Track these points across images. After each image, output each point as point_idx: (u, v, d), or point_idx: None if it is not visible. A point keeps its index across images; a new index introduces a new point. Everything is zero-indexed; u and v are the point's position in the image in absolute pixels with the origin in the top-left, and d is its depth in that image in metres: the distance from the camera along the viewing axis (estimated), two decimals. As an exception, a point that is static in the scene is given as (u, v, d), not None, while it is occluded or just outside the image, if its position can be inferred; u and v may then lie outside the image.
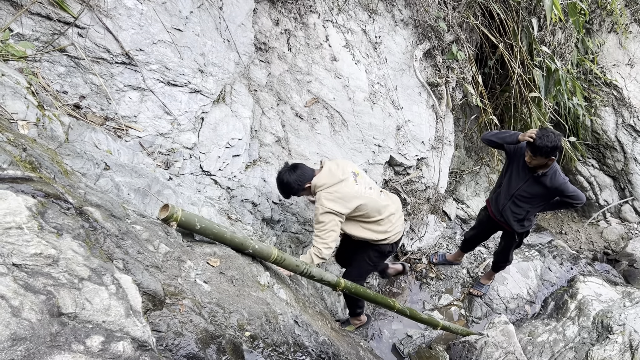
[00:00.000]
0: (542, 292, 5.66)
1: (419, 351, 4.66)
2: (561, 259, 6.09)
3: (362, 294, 3.68)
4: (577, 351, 4.69)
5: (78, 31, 2.98)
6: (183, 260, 2.43)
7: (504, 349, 4.39)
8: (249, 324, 2.49)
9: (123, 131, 3.09)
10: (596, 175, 8.91)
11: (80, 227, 1.90)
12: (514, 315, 5.36)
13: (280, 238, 3.81)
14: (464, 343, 4.55)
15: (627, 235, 8.56)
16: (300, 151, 4.08)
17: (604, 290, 5.49)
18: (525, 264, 5.71)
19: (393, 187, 4.77)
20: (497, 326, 4.58)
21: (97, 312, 1.75)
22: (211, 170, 3.41)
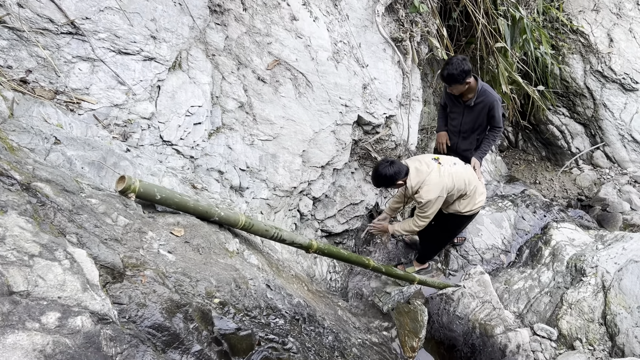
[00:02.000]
0: (517, 241, 5.74)
1: (398, 307, 4.70)
2: (534, 208, 6.16)
3: (336, 254, 3.67)
4: (552, 295, 4.77)
5: (17, 1, 2.83)
6: (144, 231, 2.36)
7: (481, 298, 4.45)
8: (218, 290, 2.45)
9: (75, 104, 2.98)
10: (567, 123, 8.97)
11: (26, 203, 1.82)
12: (490, 265, 5.43)
13: (250, 205, 3.76)
14: (441, 296, 4.60)
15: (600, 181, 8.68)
16: (265, 116, 4.00)
17: (577, 235, 5.58)
18: (499, 214, 5.76)
19: (363, 147, 4.72)
20: (473, 277, 4.64)
21: (52, 288, 1.69)
22: (172, 140, 3.31)
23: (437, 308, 4.59)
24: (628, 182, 8.50)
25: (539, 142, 9.18)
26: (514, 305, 4.80)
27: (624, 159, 8.66)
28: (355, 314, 4.21)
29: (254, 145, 3.91)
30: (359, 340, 3.65)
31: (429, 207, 3.97)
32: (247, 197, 3.77)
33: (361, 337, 3.74)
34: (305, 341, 2.77)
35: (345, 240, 4.90)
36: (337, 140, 4.40)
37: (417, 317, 4.52)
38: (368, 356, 3.50)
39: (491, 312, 4.33)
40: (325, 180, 4.42)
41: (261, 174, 3.91)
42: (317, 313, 3.29)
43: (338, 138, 4.41)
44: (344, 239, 4.88)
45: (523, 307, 4.78)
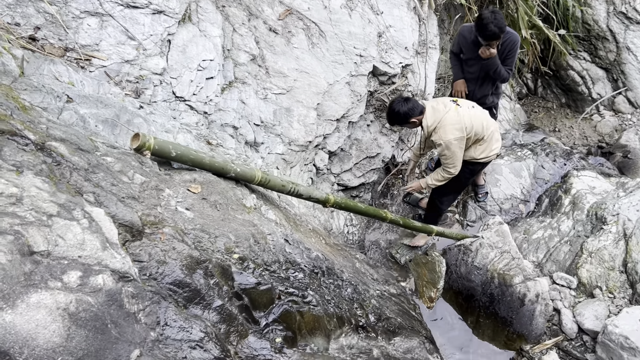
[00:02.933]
0: (536, 190, 5.67)
1: (415, 258, 4.71)
2: (554, 156, 6.05)
3: (353, 207, 3.65)
4: (572, 244, 4.74)
5: (20, -44, 2.75)
6: (161, 189, 2.35)
7: (499, 248, 4.44)
8: (237, 246, 2.45)
9: (86, 61, 2.93)
10: (588, 68, 8.70)
11: (42, 163, 1.81)
12: (509, 215, 5.39)
13: (266, 160, 3.73)
14: (459, 247, 4.60)
15: (621, 127, 8.48)
16: (278, 68, 3.91)
17: (598, 182, 5.49)
18: (517, 163, 5.67)
19: (379, 99, 4.63)
20: (491, 227, 4.61)
21: (72, 247, 1.69)
22: (185, 96, 3.26)
23: (455, 259, 4.59)
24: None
25: (559, 89, 8.94)
26: (533, 255, 4.79)
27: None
28: (373, 266, 4.23)
29: (267, 99, 3.85)
30: (378, 291, 3.67)
31: (450, 150, 3.83)
32: (263, 153, 3.74)
33: (379, 289, 3.77)
34: (324, 294, 2.79)
35: (361, 193, 4.87)
36: (352, 92, 4.32)
37: (434, 268, 4.54)
38: (387, 307, 3.53)
39: (510, 262, 4.32)
40: (340, 133, 4.35)
41: (276, 129, 3.85)
42: (335, 266, 3.30)
43: (353, 90, 4.32)
44: (361, 192, 4.85)
45: (542, 256, 4.76)
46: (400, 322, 3.44)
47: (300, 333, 2.45)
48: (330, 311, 2.70)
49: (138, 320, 1.76)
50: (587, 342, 4.19)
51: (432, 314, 4.50)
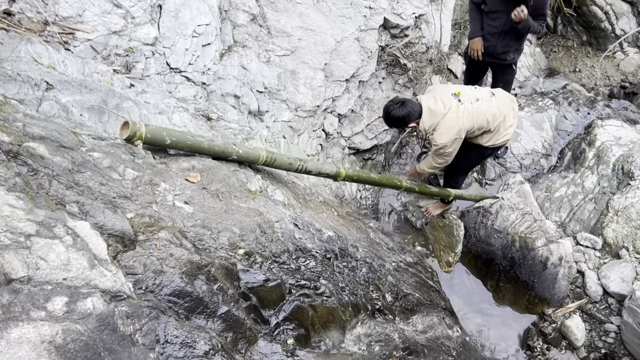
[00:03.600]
0: (558, 143, 5.38)
1: (432, 221, 4.53)
2: (577, 105, 5.72)
3: (365, 179, 3.45)
4: (596, 202, 4.52)
5: None
6: (156, 183, 2.15)
7: (521, 210, 4.23)
8: (242, 240, 2.27)
9: (69, 35, 2.67)
10: (612, 2, 8.18)
11: (15, 176, 1.60)
12: (529, 171, 5.13)
13: (271, 130, 3.49)
14: (478, 209, 4.39)
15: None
16: (281, 27, 3.61)
17: (624, 132, 5.19)
18: (539, 115, 5.35)
19: (391, 53, 4.30)
20: (512, 187, 4.38)
21: (55, 269, 1.52)
22: (180, 66, 3.00)
23: (473, 222, 4.39)
24: (677, 64, 7.91)
25: (580, 26, 8.46)
26: (556, 214, 4.58)
27: (673, 39, 8.01)
28: (388, 234, 4.05)
29: (270, 62, 3.57)
30: (394, 264, 3.51)
31: (444, 149, 3.66)
32: (268, 122, 3.50)
33: (395, 260, 3.61)
34: (338, 281, 2.62)
35: (374, 155, 4.62)
36: (362, 49, 4.00)
37: (452, 232, 4.36)
38: (404, 281, 3.38)
39: (532, 225, 4.12)
40: (350, 94, 4.07)
41: (281, 94, 3.59)
42: (348, 243, 3.13)
43: (363, 46, 4.00)
44: (373, 154, 4.60)
45: (565, 215, 4.55)
46: (419, 298, 3.29)
47: (314, 329, 2.30)
48: (344, 300, 2.54)
49: (135, 342, 1.60)
50: (612, 304, 4.04)
51: (450, 279, 4.36)
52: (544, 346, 4.04)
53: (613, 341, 3.93)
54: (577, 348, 3.97)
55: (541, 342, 4.06)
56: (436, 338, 3.12)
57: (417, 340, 2.87)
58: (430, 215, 4.53)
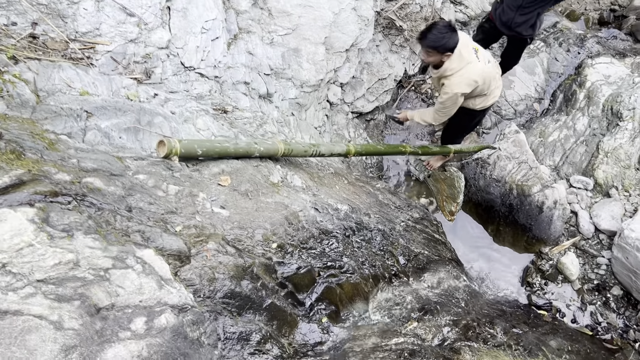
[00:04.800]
0: (550, 86, 5.58)
1: (434, 174, 4.82)
2: (567, 45, 5.86)
3: (373, 151, 3.71)
4: (587, 145, 4.80)
5: (-1, -53, 2.56)
6: (195, 194, 2.42)
7: (517, 159, 4.51)
8: (274, 234, 2.57)
9: (90, 49, 2.84)
10: None
11: (87, 219, 1.87)
12: (524, 117, 5.37)
13: (280, 109, 3.70)
14: (476, 160, 4.68)
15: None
16: (281, 8, 3.73)
17: (613, 69, 5.39)
18: (531, 60, 5.52)
19: (387, 17, 4.43)
20: (508, 137, 4.64)
21: (132, 294, 1.82)
22: (194, 64, 3.18)
23: (473, 173, 4.69)
24: (667, -16, 7.94)
25: (570, -49, 8.41)
26: (550, 159, 4.87)
27: (663, -44, 7.97)
28: (394, 193, 4.35)
29: (273, 43, 3.73)
30: (402, 223, 3.84)
31: (451, 100, 3.70)
32: (276, 102, 3.71)
33: (404, 219, 3.93)
34: (358, 256, 2.95)
35: (375, 115, 4.85)
36: (359, 18, 4.14)
37: (454, 184, 4.66)
38: (413, 240, 3.72)
39: (528, 172, 4.42)
40: (351, 63, 4.25)
41: (286, 73, 3.78)
42: (362, 212, 3.44)
43: (360, 15, 4.13)
44: (375, 115, 4.83)
45: (559, 159, 4.84)
46: (428, 255, 3.64)
47: (342, 304, 2.64)
48: (365, 273, 2.88)
49: (202, 344, 1.93)
50: (603, 240, 4.41)
51: (453, 226, 4.71)
52: (542, 282, 4.45)
53: (604, 273, 4.33)
54: (572, 281, 4.38)
55: (539, 278, 4.47)
56: (446, 291, 3.50)
57: (429, 297, 3.24)
58: (432, 168, 4.81)
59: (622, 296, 4.22)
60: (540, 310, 4.23)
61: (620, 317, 4.17)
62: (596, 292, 4.31)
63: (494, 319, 3.52)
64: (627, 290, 4.18)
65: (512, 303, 4.32)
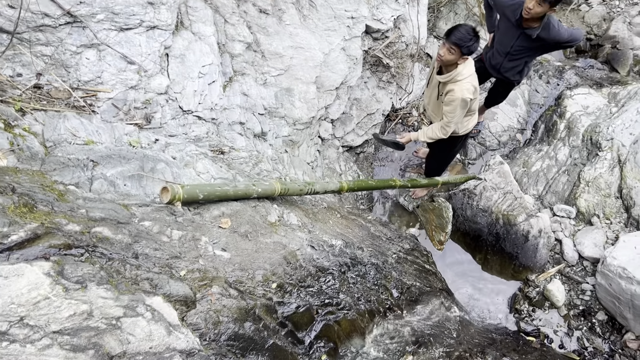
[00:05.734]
0: (532, 117, 5.78)
1: (422, 204, 4.96)
2: (547, 77, 6.09)
3: (365, 186, 3.83)
4: (569, 174, 4.97)
5: (7, 3, 2.67)
6: (197, 238, 2.51)
7: (502, 189, 4.67)
8: (273, 274, 2.66)
9: (92, 97, 2.94)
10: (576, -43, 8.50)
11: (99, 270, 1.95)
12: (507, 147, 5.56)
13: (274, 147, 3.83)
14: (463, 191, 4.82)
15: (609, 16, 8.42)
16: (274, 50, 3.87)
17: (591, 99, 5.60)
18: (512, 92, 5.70)
19: (374, 55, 4.60)
20: (493, 168, 4.80)
21: (142, 341, 1.90)
22: (191, 108, 3.30)
23: (460, 203, 4.83)
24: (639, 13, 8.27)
25: (547, -17, 8.73)
26: (534, 188, 5.04)
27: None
28: (385, 224, 4.48)
29: (267, 83, 3.86)
30: (395, 255, 3.95)
31: (459, 107, 3.65)
32: (271, 140, 3.83)
33: (395, 250, 4.04)
34: (354, 292, 3.05)
35: (365, 148, 5.00)
36: (348, 57, 4.30)
37: (442, 214, 4.80)
38: (404, 272, 3.82)
39: (513, 202, 4.57)
40: (341, 100, 4.40)
41: (279, 112, 3.91)
42: (355, 246, 3.54)
43: (349, 54, 4.30)
44: (364, 148, 4.98)
45: (542, 188, 5.01)
46: (419, 287, 3.75)
47: (340, 340, 2.73)
48: (361, 309, 2.98)
49: (209, 386, 2.01)
50: (587, 267, 4.56)
51: (443, 255, 4.83)
52: (529, 308, 4.57)
53: (589, 298, 4.47)
54: (559, 307, 4.50)
55: (527, 305, 4.59)
56: (438, 322, 3.60)
57: (423, 330, 3.34)
58: (417, 198, 4.94)
59: (606, 321, 4.35)
60: (529, 337, 4.34)
61: (606, 341, 4.30)
62: (582, 318, 4.44)
63: (485, 349, 3.63)
64: (612, 316, 4.31)
65: (501, 330, 4.43)
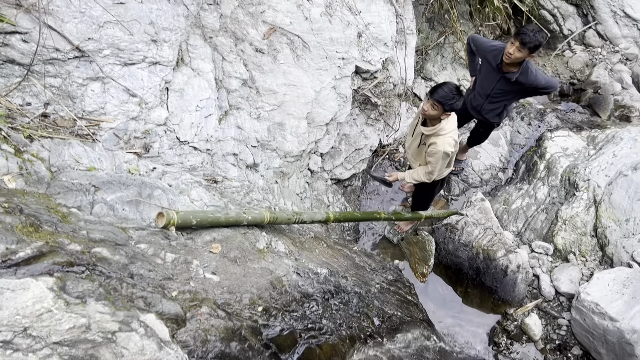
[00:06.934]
0: (514, 156, 6.04)
1: (406, 237, 5.14)
2: (529, 119, 6.37)
3: (351, 218, 4.01)
4: (547, 212, 5.19)
5: (21, 37, 2.88)
6: (189, 261, 2.67)
7: (482, 225, 4.87)
8: (260, 298, 2.82)
9: (95, 126, 3.13)
10: (559, 6, 8.93)
11: (98, 287, 2.11)
12: (489, 185, 5.79)
13: (265, 178, 4.02)
14: (446, 225, 5.02)
15: (592, 62, 8.79)
16: (268, 86, 4.10)
17: (570, 142, 5.87)
18: (495, 133, 5.99)
19: (363, 94, 4.85)
20: (474, 205, 5.01)
21: (135, 355, 2.04)
22: (188, 139, 3.49)
23: (443, 237, 5.02)
24: (620, 61, 8.65)
25: (532, 29, 9.14)
26: (513, 225, 5.24)
27: (615, 35, 8.72)
28: (369, 255, 4.64)
29: (260, 118, 4.07)
30: (378, 285, 4.10)
31: (442, 159, 3.88)
32: (262, 171, 4.02)
33: (379, 281, 4.20)
34: (336, 318, 3.20)
35: (352, 182, 5.21)
36: (338, 95, 4.54)
37: (425, 247, 4.98)
38: (387, 302, 3.98)
39: (493, 238, 4.76)
40: (330, 135, 4.62)
41: (271, 144, 4.11)
42: (339, 275, 3.70)
43: (339, 93, 4.54)
44: (352, 181, 5.19)
45: (521, 225, 5.22)
46: (400, 316, 3.90)
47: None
48: (343, 335, 3.12)
49: (195, 401, 2.15)
50: (563, 302, 4.73)
51: (425, 287, 4.99)
52: (507, 342, 4.71)
53: (565, 333, 4.63)
54: (536, 341, 4.65)
55: (505, 338, 4.73)
56: (417, 351, 3.74)
57: (402, 357, 3.48)
58: (401, 231, 5.13)
59: (581, 355, 4.50)
60: (507, 370, 4.49)
61: (581, 376, 4.45)
62: (558, 352, 4.59)
63: (462, 378, 3.77)
64: (586, 350, 4.46)
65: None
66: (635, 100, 7.53)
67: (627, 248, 4.60)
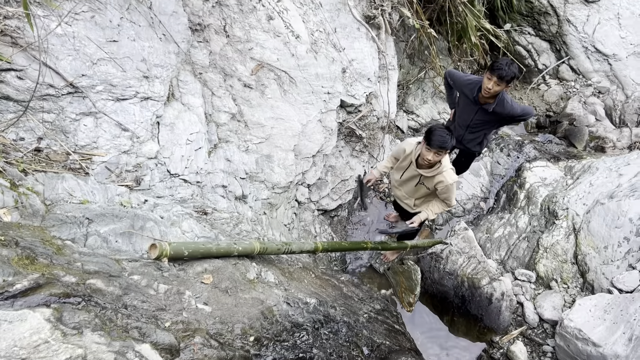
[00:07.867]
0: (494, 186, 6.20)
1: (393, 267, 5.21)
2: (508, 150, 6.56)
3: (338, 248, 4.08)
4: (529, 241, 5.31)
5: (17, 74, 2.95)
6: (182, 292, 2.71)
7: (466, 253, 4.96)
8: (251, 327, 2.85)
9: (87, 160, 3.19)
10: (533, 42, 9.29)
11: (94, 317, 2.14)
12: (472, 214, 5.91)
13: (254, 209, 4.08)
14: (431, 254, 5.10)
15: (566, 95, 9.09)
16: (256, 120, 4.21)
17: (549, 172, 6.04)
18: (476, 164, 6.16)
19: (348, 127, 4.98)
20: (458, 233, 5.12)
21: (131, 385, 2.06)
22: (178, 172, 3.56)
23: (428, 266, 5.10)
24: (592, 94, 8.95)
25: (508, 64, 9.46)
26: (496, 253, 5.35)
27: (588, 69, 9.04)
28: (357, 285, 4.70)
29: (249, 150, 4.16)
30: (366, 315, 4.15)
31: (453, 190, 4.03)
32: (250, 202, 4.09)
33: (367, 310, 4.25)
34: (326, 347, 3.24)
35: (339, 212, 5.30)
36: (324, 128, 4.66)
37: (411, 276, 5.05)
38: (375, 331, 4.02)
39: (477, 266, 4.86)
40: (317, 167, 4.72)
41: (259, 176, 4.19)
42: (328, 304, 3.75)
43: (325, 125, 4.66)
44: (338, 212, 5.27)
45: (504, 254, 5.32)
46: (389, 345, 3.94)
47: (312, 393, 2.90)
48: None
49: None
50: (547, 329, 4.81)
51: (412, 316, 5.04)
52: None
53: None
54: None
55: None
56: (406, 380, 3.78)
57: (391, 386, 3.51)
58: (388, 261, 5.21)
59: (567, 382, 4.56)
60: (494, 398, 4.52)
61: (567, 403, 4.49)
62: (544, 379, 4.65)
63: (450, 406, 3.80)
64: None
65: (467, 391, 4.60)
66: (609, 131, 7.79)
67: (607, 274, 4.72)
